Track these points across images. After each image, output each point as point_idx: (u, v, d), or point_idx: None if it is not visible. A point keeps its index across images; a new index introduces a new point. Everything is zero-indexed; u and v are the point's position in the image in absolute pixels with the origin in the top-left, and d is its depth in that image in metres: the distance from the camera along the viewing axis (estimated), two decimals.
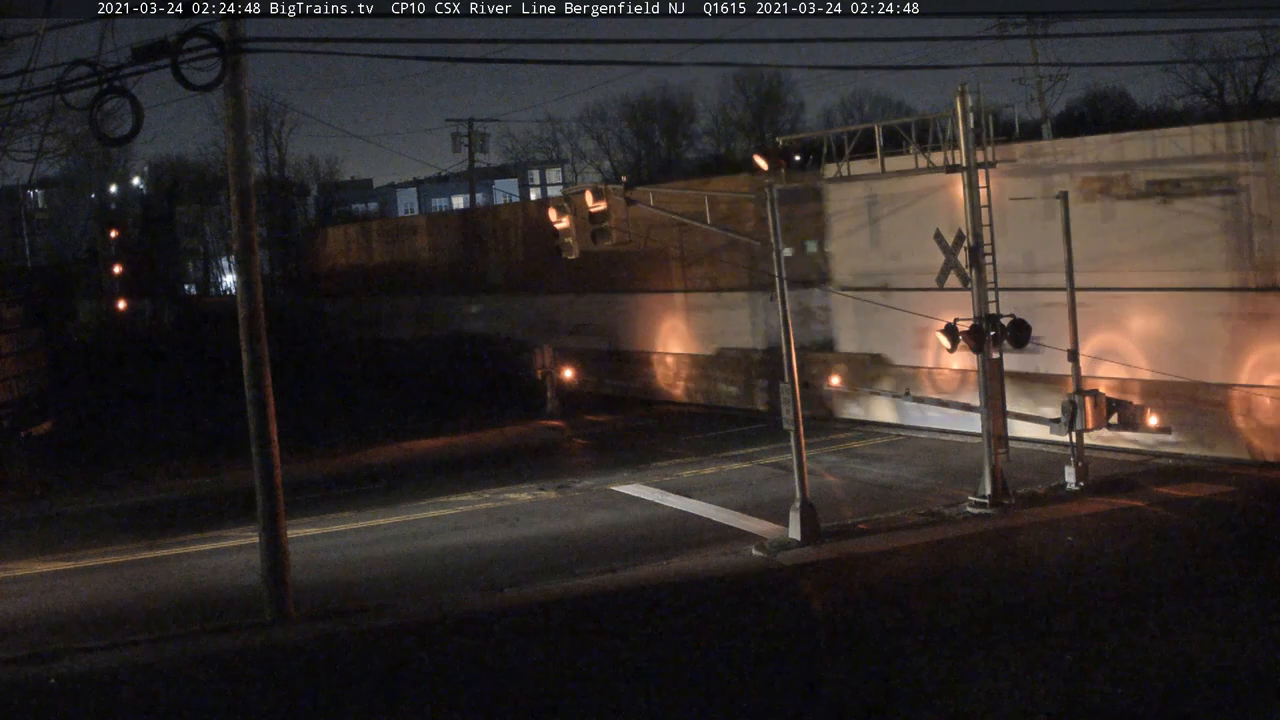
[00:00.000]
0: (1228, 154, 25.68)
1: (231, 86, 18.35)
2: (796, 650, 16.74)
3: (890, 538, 22.14)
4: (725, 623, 18.19)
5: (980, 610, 17.85)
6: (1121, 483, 24.80)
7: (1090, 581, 18.77)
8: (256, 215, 19.55)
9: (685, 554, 21.98)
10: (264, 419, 19.10)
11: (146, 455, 36.54)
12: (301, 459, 32.42)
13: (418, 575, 21.82)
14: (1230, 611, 16.91)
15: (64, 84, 16.61)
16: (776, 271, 22.77)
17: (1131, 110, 77.93)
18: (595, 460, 32.25)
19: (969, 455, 26.57)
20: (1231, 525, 21.65)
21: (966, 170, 23.92)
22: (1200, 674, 14.86)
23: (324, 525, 26.03)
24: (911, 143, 26.23)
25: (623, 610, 19.05)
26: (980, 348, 23.55)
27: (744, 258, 34.51)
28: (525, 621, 18.66)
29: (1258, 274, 25.38)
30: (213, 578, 22.69)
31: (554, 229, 25.78)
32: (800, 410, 22.53)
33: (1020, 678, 14.94)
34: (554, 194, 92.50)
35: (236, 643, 18.43)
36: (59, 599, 21.81)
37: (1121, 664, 15.22)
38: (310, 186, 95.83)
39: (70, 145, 42.71)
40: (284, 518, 19.40)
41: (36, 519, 29.37)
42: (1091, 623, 16.79)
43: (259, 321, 19.08)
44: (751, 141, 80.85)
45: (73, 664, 17.57)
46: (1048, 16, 47.11)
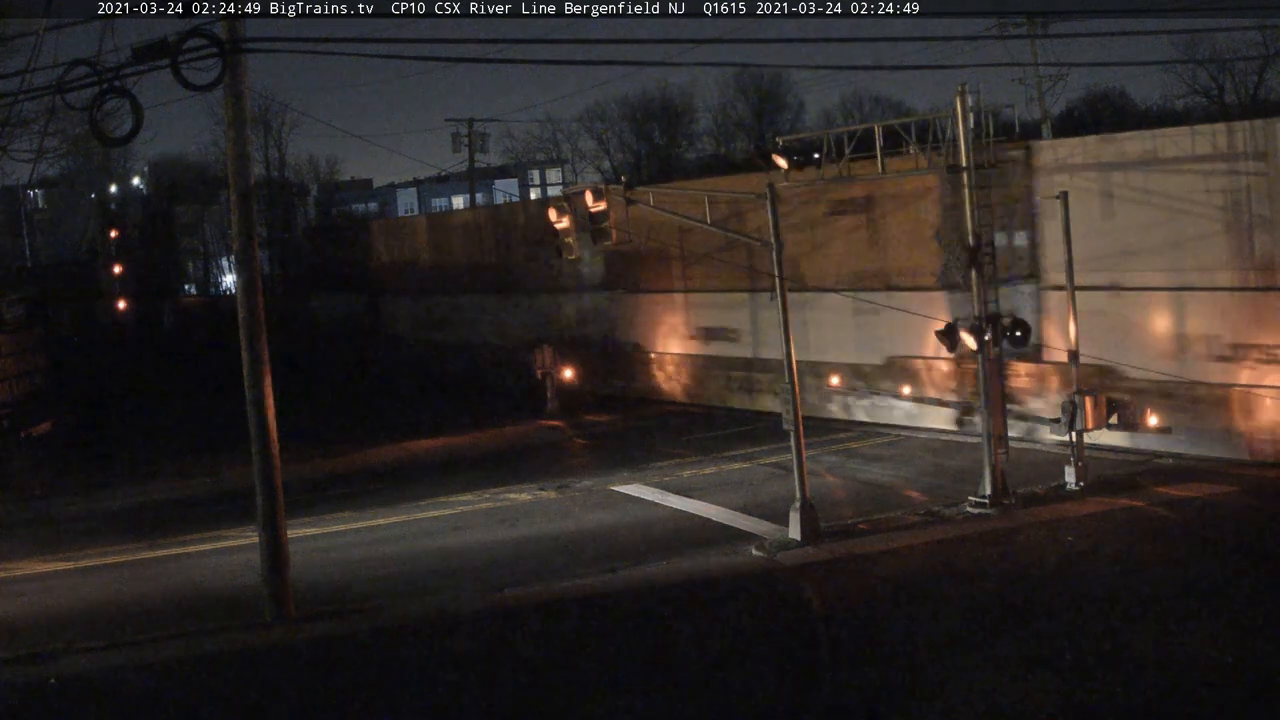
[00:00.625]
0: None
1: (231, 86, 18.34)
2: (796, 650, 16.74)
3: (890, 538, 22.14)
4: (725, 623, 18.19)
5: (980, 610, 17.85)
6: (1121, 483, 24.79)
7: (1090, 581, 18.77)
8: (256, 215, 19.55)
9: (685, 554, 21.97)
10: (264, 419, 19.09)
11: (146, 455, 36.54)
12: (301, 459, 32.40)
13: (418, 575, 21.82)
14: (1230, 611, 16.91)
15: (64, 84, 16.60)
16: (776, 271, 22.75)
17: (1131, 110, 77.86)
18: (595, 460, 32.25)
19: (969, 455, 26.57)
20: (1231, 525, 21.64)
21: (966, 170, 23.92)
22: (1200, 674, 14.87)
23: (324, 525, 26.03)
24: (911, 142, 26.23)
25: (623, 610, 19.05)
26: (981, 348, 23.57)
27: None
28: (525, 622, 18.65)
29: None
30: (213, 578, 22.68)
31: (554, 229, 25.77)
32: (800, 416, 22.49)
33: (1020, 677, 14.94)
34: (554, 194, 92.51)
35: (236, 643, 18.42)
36: (59, 599, 21.81)
37: (1121, 664, 15.23)
38: (310, 186, 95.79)
39: (70, 145, 42.69)
40: (284, 518, 19.40)
41: (36, 519, 29.38)
42: (1091, 623, 16.79)
43: (259, 321, 19.08)
44: (751, 141, 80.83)
45: (73, 664, 17.57)
46: (1048, 16, 47.09)
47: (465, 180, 77.71)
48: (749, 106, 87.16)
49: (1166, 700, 14.24)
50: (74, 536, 26.80)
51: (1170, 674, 14.93)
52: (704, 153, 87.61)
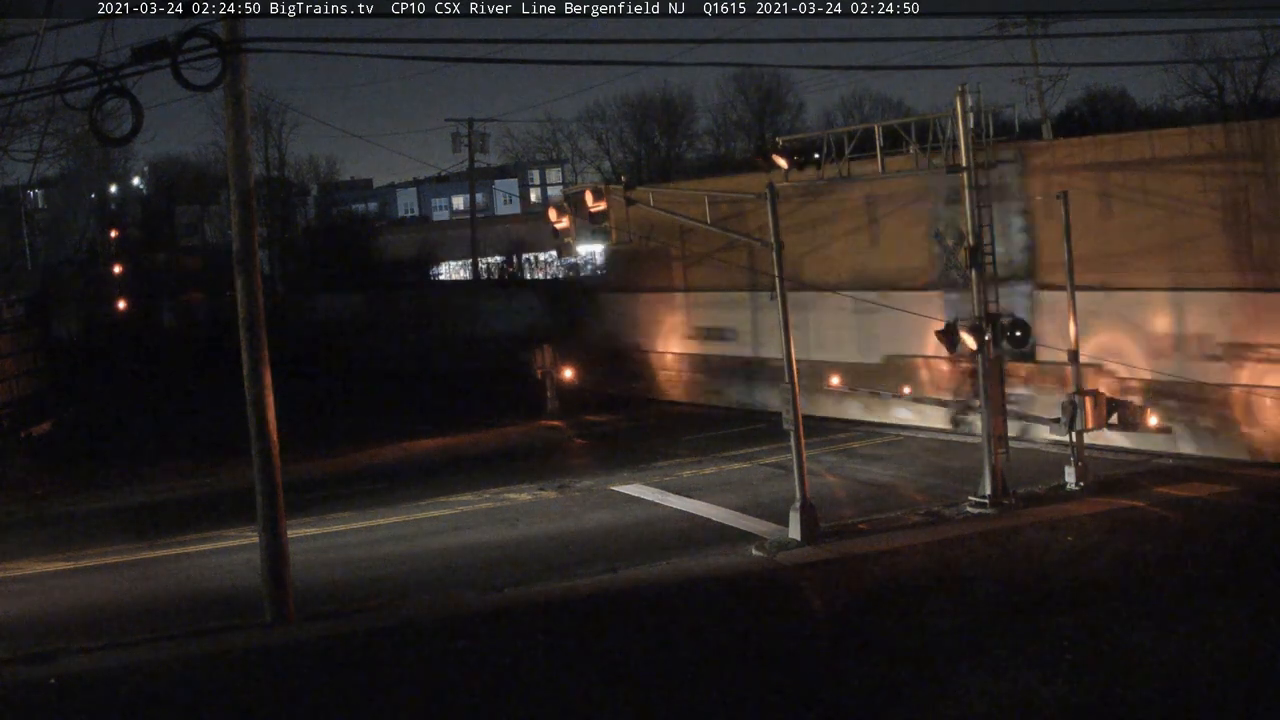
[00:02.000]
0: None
1: (231, 87, 18.34)
2: (796, 650, 16.74)
3: (890, 538, 22.14)
4: (725, 622, 18.19)
5: (980, 610, 17.86)
6: (1121, 483, 24.79)
7: (1090, 581, 18.77)
8: (257, 215, 19.55)
9: (685, 554, 21.97)
10: (264, 419, 19.09)
11: (146, 455, 36.54)
12: (302, 459, 32.38)
13: (418, 575, 21.81)
14: (1230, 611, 16.90)
15: (64, 84, 16.61)
16: (777, 271, 22.76)
17: (1131, 110, 77.89)
18: (595, 460, 32.25)
19: (969, 455, 26.56)
20: (1232, 525, 21.64)
21: (966, 170, 23.93)
22: (1200, 674, 14.87)
23: (324, 525, 26.02)
24: (911, 143, 26.25)
25: (623, 610, 19.05)
26: (980, 348, 23.57)
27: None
28: (525, 622, 18.65)
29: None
30: (213, 578, 22.68)
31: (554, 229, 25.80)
32: (799, 413, 22.50)
33: (1020, 678, 14.94)
34: (554, 194, 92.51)
35: (236, 643, 18.42)
36: (59, 599, 21.80)
37: (1121, 664, 15.23)
38: (310, 186, 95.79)
39: (70, 145, 42.63)
40: (284, 518, 19.39)
41: (36, 519, 29.36)
42: (1091, 623, 16.79)
43: (259, 321, 19.07)
44: (752, 141, 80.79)
45: (72, 664, 17.56)
46: (1048, 16, 47.09)
47: (465, 180, 77.73)
48: (749, 106, 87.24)
49: (1166, 700, 14.24)
50: (74, 536, 26.79)
51: (1170, 674, 14.93)
52: (704, 153, 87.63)
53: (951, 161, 24.84)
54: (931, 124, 25.97)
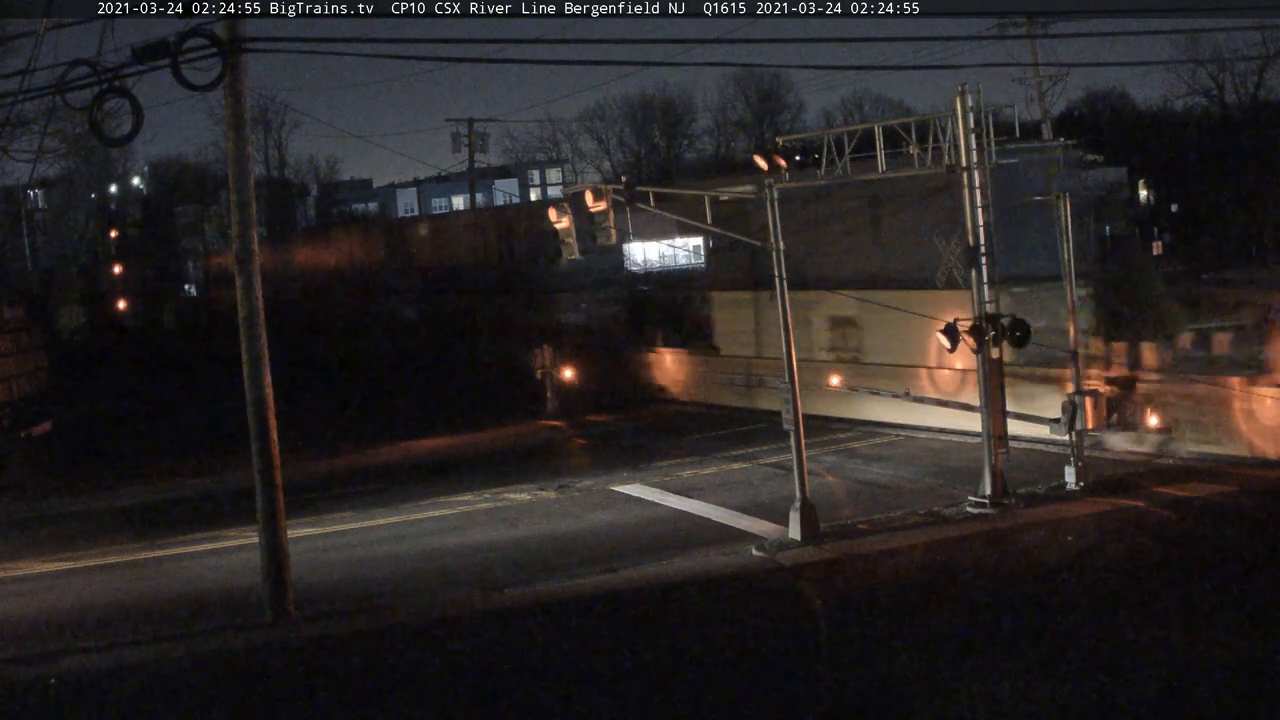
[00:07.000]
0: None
1: (231, 87, 18.33)
2: (796, 650, 16.74)
3: (890, 538, 22.13)
4: (725, 623, 18.18)
5: (980, 610, 17.85)
6: (1121, 482, 24.77)
7: (1090, 582, 18.77)
8: (257, 216, 19.54)
9: (685, 554, 21.96)
10: (264, 419, 19.08)
11: (146, 455, 36.52)
12: (302, 458, 32.38)
13: (418, 575, 21.79)
14: (1230, 611, 16.90)
15: (64, 84, 16.62)
16: (777, 271, 22.73)
17: (1131, 110, 77.80)
18: (595, 460, 32.24)
19: (969, 455, 26.54)
20: (1232, 525, 21.63)
21: (966, 170, 23.91)
22: (1200, 674, 14.86)
23: (324, 525, 26.01)
24: (912, 143, 26.20)
25: (623, 610, 19.04)
26: (978, 348, 23.55)
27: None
28: (525, 622, 18.64)
29: None
30: (213, 578, 22.66)
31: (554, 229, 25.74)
32: (800, 415, 22.48)
33: (1020, 677, 14.94)
34: (554, 194, 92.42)
35: (236, 643, 18.41)
36: (59, 599, 21.78)
37: (1121, 664, 15.22)
38: (310, 186, 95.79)
39: (70, 145, 42.61)
40: (284, 518, 19.38)
41: (36, 519, 29.35)
42: (1091, 623, 16.79)
43: (259, 321, 19.06)
44: (751, 141, 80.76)
45: (72, 664, 17.57)
46: (1048, 16, 47.02)
47: (465, 180, 77.69)
48: (749, 106, 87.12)
49: (1167, 700, 14.23)
50: (74, 536, 26.77)
51: (1170, 674, 14.92)
52: (704, 153, 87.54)
53: (952, 161, 24.80)
54: (932, 124, 25.92)
